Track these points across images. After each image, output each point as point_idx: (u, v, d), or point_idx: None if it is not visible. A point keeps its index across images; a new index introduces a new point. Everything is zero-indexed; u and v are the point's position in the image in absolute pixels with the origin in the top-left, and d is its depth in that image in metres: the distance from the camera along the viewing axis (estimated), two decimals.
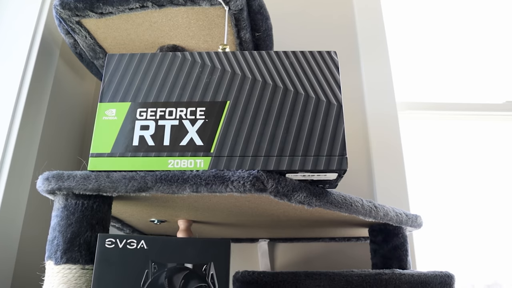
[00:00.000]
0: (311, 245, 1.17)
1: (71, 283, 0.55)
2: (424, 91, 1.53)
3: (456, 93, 1.54)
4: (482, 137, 1.47)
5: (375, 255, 0.91)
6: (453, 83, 1.55)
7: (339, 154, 0.57)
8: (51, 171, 0.59)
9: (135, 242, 0.55)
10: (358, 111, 1.32)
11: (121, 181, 0.57)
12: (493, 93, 1.56)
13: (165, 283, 0.53)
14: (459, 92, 1.54)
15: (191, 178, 0.55)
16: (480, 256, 1.33)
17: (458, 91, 1.54)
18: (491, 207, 1.38)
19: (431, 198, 1.37)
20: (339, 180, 0.61)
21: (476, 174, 1.42)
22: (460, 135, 1.47)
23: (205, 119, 0.59)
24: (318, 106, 0.59)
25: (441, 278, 0.74)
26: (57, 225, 0.57)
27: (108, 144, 0.59)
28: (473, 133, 1.47)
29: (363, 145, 1.28)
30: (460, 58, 1.59)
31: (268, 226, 0.91)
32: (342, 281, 0.70)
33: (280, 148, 0.57)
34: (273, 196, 0.56)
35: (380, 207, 0.76)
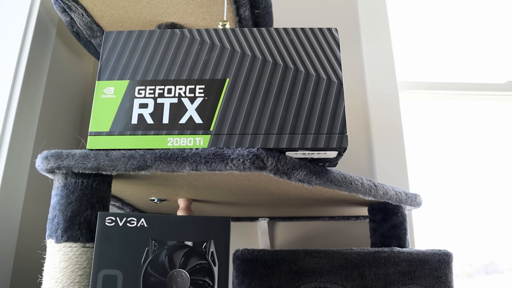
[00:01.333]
0: (310, 224, 1.18)
1: (72, 261, 0.55)
2: (425, 71, 1.52)
3: (458, 73, 1.53)
4: (483, 117, 1.47)
5: (374, 234, 0.92)
6: (454, 63, 1.54)
7: (339, 132, 0.56)
8: (50, 150, 0.58)
9: (135, 220, 0.55)
10: (358, 90, 1.31)
11: (120, 159, 0.56)
12: (495, 73, 1.55)
13: (166, 260, 0.54)
14: (460, 72, 1.53)
15: (191, 156, 0.55)
16: (477, 235, 1.34)
17: (459, 71, 1.53)
18: (490, 188, 1.39)
19: (430, 177, 1.37)
20: (339, 158, 0.61)
21: (477, 154, 1.42)
22: (461, 115, 1.46)
23: (204, 97, 0.58)
24: (318, 84, 0.59)
25: (439, 256, 0.74)
26: (57, 204, 0.57)
27: (106, 123, 0.59)
28: (475, 113, 1.47)
29: (363, 124, 1.27)
30: (462, 37, 1.58)
31: (267, 205, 0.91)
32: (341, 259, 0.70)
33: (280, 126, 0.57)
34: (273, 174, 0.56)
35: (380, 185, 0.76)
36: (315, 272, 0.69)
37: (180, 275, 0.53)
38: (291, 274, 0.68)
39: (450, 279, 0.74)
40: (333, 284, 0.69)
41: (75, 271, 0.55)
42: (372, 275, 0.70)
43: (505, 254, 1.35)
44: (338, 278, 0.69)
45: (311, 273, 0.69)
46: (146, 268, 0.53)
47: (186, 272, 0.54)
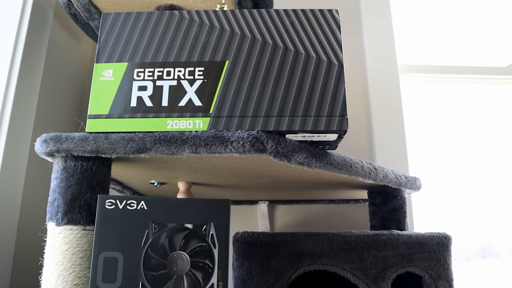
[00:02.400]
0: (310, 207, 1.18)
1: (72, 244, 0.55)
2: (426, 54, 1.51)
3: (459, 56, 1.52)
4: (484, 101, 1.46)
5: (373, 217, 0.92)
6: (456, 46, 1.53)
7: (339, 114, 0.56)
8: (49, 133, 0.58)
9: (135, 203, 0.55)
10: (359, 73, 1.30)
11: (120, 142, 0.56)
12: (497, 56, 1.54)
13: (166, 243, 0.54)
14: (461, 55, 1.52)
15: (190, 139, 0.55)
16: (475, 219, 1.35)
17: (460, 54, 1.52)
18: (489, 172, 1.39)
19: (430, 161, 1.37)
20: (339, 141, 0.61)
21: (477, 138, 1.41)
22: (462, 98, 1.45)
23: (203, 79, 0.58)
24: (318, 66, 0.58)
25: (438, 239, 0.74)
26: (57, 187, 0.57)
27: (105, 105, 0.58)
28: (476, 97, 1.46)
29: (363, 107, 1.27)
30: (464, 20, 1.56)
31: (267, 188, 0.91)
32: (340, 242, 0.70)
33: (280, 108, 0.56)
34: (273, 157, 0.56)
35: (380, 169, 0.76)
36: (314, 255, 0.69)
37: (180, 257, 0.54)
38: (291, 257, 0.68)
39: (449, 262, 0.74)
40: (333, 267, 0.69)
41: (76, 254, 0.55)
42: (371, 257, 0.70)
43: (503, 238, 1.35)
44: (338, 261, 0.69)
45: (311, 256, 0.69)
46: (146, 250, 0.54)
47: (186, 254, 0.54)
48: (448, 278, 0.73)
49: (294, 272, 0.68)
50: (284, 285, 0.68)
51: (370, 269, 0.70)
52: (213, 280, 0.54)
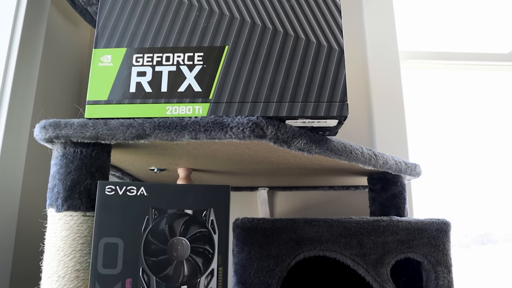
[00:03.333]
0: (310, 194, 1.19)
1: (73, 230, 0.55)
2: (427, 40, 1.49)
3: (460, 43, 1.51)
4: (485, 87, 1.45)
5: (373, 203, 0.92)
6: (457, 32, 1.52)
7: (339, 100, 0.56)
8: (48, 119, 0.58)
9: (135, 189, 0.55)
10: (359, 58, 1.30)
11: (119, 128, 0.56)
12: (498, 42, 1.53)
13: (166, 228, 0.54)
14: (463, 41, 1.51)
15: (190, 125, 0.54)
16: (474, 207, 1.35)
17: (462, 40, 1.51)
18: (488, 159, 1.39)
19: (430, 148, 1.37)
20: (339, 127, 0.60)
21: (478, 125, 1.41)
22: (462, 85, 1.45)
23: (203, 65, 0.57)
24: (319, 51, 0.58)
25: (437, 225, 0.75)
26: (56, 173, 0.57)
27: (104, 91, 0.58)
28: (476, 83, 1.46)
29: (363, 93, 1.26)
30: (465, 6, 1.55)
31: (267, 174, 0.91)
32: (340, 228, 0.71)
33: (280, 94, 0.56)
34: (273, 143, 0.55)
35: (380, 155, 0.76)
36: (314, 241, 0.69)
37: (180, 243, 0.54)
38: (291, 243, 0.69)
39: (448, 248, 0.74)
40: (332, 252, 0.70)
41: (76, 240, 0.55)
42: (371, 243, 0.71)
43: (501, 225, 1.36)
44: (337, 246, 0.70)
45: (311, 242, 0.69)
46: (146, 236, 0.54)
47: (186, 240, 0.54)
48: (447, 264, 0.73)
49: (294, 257, 0.69)
50: (284, 271, 0.68)
51: (369, 255, 0.70)
52: (213, 266, 0.54)
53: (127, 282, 0.53)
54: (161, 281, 0.53)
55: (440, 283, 0.71)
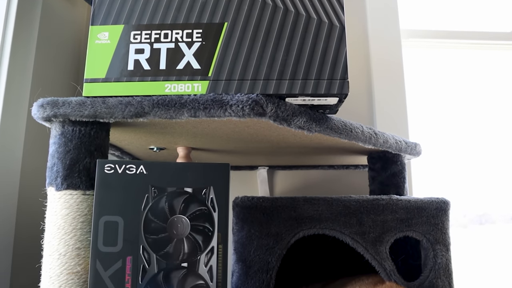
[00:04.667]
0: (310, 173, 1.19)
1: (73, 208, 0.55)
2: (429, 19, 1.47)
3: (462, 21, 1.48)
4: (487, 67, 1.44)
5: (373, 182, 0.93)
6: (459, 11, 1.49)
7: (340, 77, 0.55)
8: (46, 98, 0.57)
9: (134, 167, 0.55)
10: (360, 36, 1.28)
11: (118, 106, 0.55)
12: (500, 21, 1.51)
13: (166, 207, 0.54)
14: (464, 20, 1.49)
15: (189, 103, 0.54)
16: (472, 187, 1.35)
17: (463, 19, 1.49)
18: (488, 140, 1.38)
19: (430, 127, 1.37)
20: (339, 105, 0.60)
21: (478, 105, 1.40)
22: (464, 64, 1.43)
23: (202, 42, 0.57)
24: (319, 28, 0.57)
25: (437, 204, 0.75)
26: (55, 152, 0.57)
27: (102, 69, 0.57)
28: (478, 63, 1.44)
29: (364, 71, 1.25)
30: None
31: (267, 153, 0.91)
32: (340, 206, 0.71)
33: (280, 71, 0.55)
34: (273, 121, 0.55)
35: (380, 134, 0.76)
36: (314, 219, 0.70)
37: (180, 221, 0.54)
38: (290, 221, 0.69)
39: (447, 226, 0.75)
40: (332, 231, 0.70)
41: (77, 218, 0.55)
42: (370, 222, 0.71)
43: (499, 205, 1.37)
44: (337, 225, 0.70)
45: (310, 220, 0.69)
46: (146, 214, 0.54)
47: (186, 218, 0.54)
48: (446, 242, 0.74)
49: (293, 236, 0.69)
50: (284, 249, 0.68)
51: (368, 233, 0.71)
52: (213, 243, 0.54)
53: (128, 259, 0.53)
54: (162, 259, 0.53)
55: (438, 261, 0.72)
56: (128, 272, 0.53)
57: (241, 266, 0.67)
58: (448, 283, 0.72)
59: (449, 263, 0.73)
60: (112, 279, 0.52)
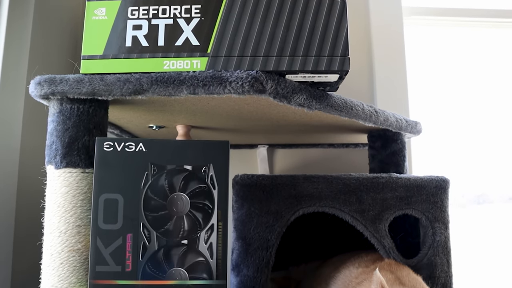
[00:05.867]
0: (309, 151, 1.19)
1: (72, 186, 0.55)
2: None
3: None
4: (488, 45, 1.42)
5: (373, 160, 0.93)
6: None
7: (341, 54, 0.54)
8: (43, 75, 0.57)
9: (133, 145, 0.54)
10: (361, 12, 1.26)
11: (116, 83, 0.55)
12: None
13: (165, 184, 0.54)
14: None
15: (188, 79, 0.53)
16: (471, 167, 1.36)
17: None
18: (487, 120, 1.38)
19: (430, 106, 1.36)
20: (340, 82, 0.59)
21: (479, 84, 1.39)
22: (466, 42, 1.42)
23: (201, 18, 0.56)
24: (320, 3, 0.55)
25: (436, 183, 0.75)
26: (54, 130, 0.57)
27: (99, 46, 0.57)
28: (480, 41, 1.42)
29: (364, 48, 1.24)
30: None
31: (267, 132, 0.91)
32: (339, 184, 0.71)
33: (280, 47, 0.54)
34: (272, 98, 0.55)
35: (381, 112, 0.75)
36: (313, 197, 0.70)
37: (180, 199, 0.54)
38: (290, 199, 0.69)
39: (446, 205, 0.75)
40: (331, 208, 0.70)
41: (76, 196, 0.55)
42: (370, 200, 0.71)
43: (497, 185, 1.37)
44: (336, 203, 0.70)
45: (310, 198, 0.70)
46: (146, 192, 0.54)
47: (186, 195, 0.54)
48: (445, 220, 0.74)
49: (293, 213, 0.69)
50: (283, 227, 0.69)
51: (368, 211, 0.71)
52: (213, 221, 0.54)
53: (128, 237, 0.53)
54: (162, 236, 0.53)
55: (437, 239, 0.72)
56: (129, 249, 0.53)
57: (241, 243, 0.68)
58: (446, 260, 0.73)
59: (447, 241, 0.73)
60: (113, 256, 0.53)
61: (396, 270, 0.66)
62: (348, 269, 0.74)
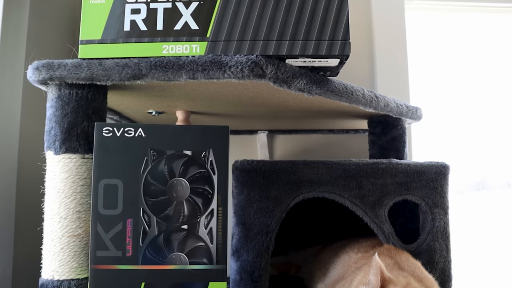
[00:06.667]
0: (309, 137, 1.18)
1: (72, 172, 0.55)
2: None
3: None
4: (490, 30, 1.41)
5: (373, 146, 0.92)
6: None
7: (342, 38, 0.54)
8: (41, 60, 0.56)
9: (132, 130, 0.54)
10: None
11: (114, 68, 0.54)
12: None
13: (165, 169, 0.54)
14: None
15: (187, 64, 0.53)
16: (471, 153, 1.35)
17: None
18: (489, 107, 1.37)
19: (431, 92, 1.35)
20: (340, 67, 0.59)
21: (480, 70, 1.38)
22: (466, 27, 1.40)
23: (200, 1, 0.55)
24: None
25: (436, 168, 0.75)
26: (52, 115, 0.57)
27: (98, 30, 0.56)
28: (481, 26, 1.41)
29: (365, 33, 1.23)
30: None
31: (267, 117, 0.91)
32: (339, 170, 0.71)
33: (280, 32, 0.54)
34: (272, 83, 0.54)
35: (381, 97, 0.75)
36: (313, 182, 0.70)
37: (180, 184, 0.54)
38: (290, 184, 0.69)
39: (446, 190, 0.75)
40: (331, 194, 0.70)
41: (76, 182, 0.55)
42: (370, 185, 0.71)
43: (496, 172, 1.37)
44: (336, 188, 0.70)
45: (310, 183, 0.70)
46: (146, 177, 0.54)
47: (186, 180, 0.54)
48: (444, 206, 0.74)
49: (293, 199, 0.69)
50: (283, 212, 0.69)
51: (368, 197, 0.71)
52: (213, 206, 0.54)
53: (128, 222, 0.53)
54: (162, 221, 0.53)
55: (436, 224, 0.73)
56: (129, 235, 0.53)
57: (241, 229, 0.68)
58: (445, 245, 0.73)
59: (447, 226, 0.74)
60: (113, 241, 0.53)
61: (395, 255, 0.67)
62: (347, 254, 0.74)
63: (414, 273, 0.61)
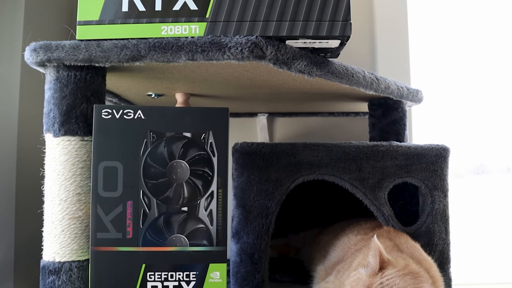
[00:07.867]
0: (309, 120, 1.18)
1: (71, 154, 0.55)
2: None
3: None
4: (491, 13, 1.39)
5: (373, 129, 0.92)
6: None
7: (342, 19, 0.53)
8: (38, 42, 0.56)
9: (132, 112, 0.54)
10: None
11: (113, 50, 0.54)
12: None
13: (165, 151, 0.54)
14: None
15: (186, 45, 0.52)
16: (471, 137, 1.35)
17: None
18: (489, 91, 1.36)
19: (432, 74, 1.34)
20: (341, 48, 0.58)
21: (483, 53, 1.37)
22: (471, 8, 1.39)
23: None
24: None
25: (436, 151, 0.74)
26: (51, 98, 0.56)
27: (95, 11, 0.55)
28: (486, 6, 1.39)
29: (366, 13, 1.21)
30: None
31: (267, 100, 0.90)
32: (339, 152, 0.71)
33: (280, 12, 0.53)
34: (272, 64, 0.54)
35: (382, 79, 0.75)
36: (313, 165, 0.70)
37: (179, 166, 0.54)
38: (290, 167, 0.69)
39: (446, 173, 0.75)
40: (331, 176, 0.70)
41: (76, 164, 0.55)
42: (370, 168, 0.71)
43: (496, 156, 1.37)
44: (336, 171, 0.70)
45: (310, 166, 0.70)
46: (145, 159, 0.54)
47: (186, 162, 0.54)
48: (444, 188, 0.74)
49: (293, 181, 0.69)
50: (283, 194, 0.69)
51: (368, 179, 0.71)
52: (213, 188, 0.54)
53: (128, 204, 0.53)
54: (162, 203, 0.53)
55: (436, 207, 0.73)
56: (129, 217, 0.53)
57: (240, 211, 0.68)
58: (444, 228, 0.73)
59: (446, 209, 0.74)
60: (114, 223, 0.53)
61: (394, 237, 0.67)
62: (347, 236, 0.75)
63: (413, 255, 0.61)
